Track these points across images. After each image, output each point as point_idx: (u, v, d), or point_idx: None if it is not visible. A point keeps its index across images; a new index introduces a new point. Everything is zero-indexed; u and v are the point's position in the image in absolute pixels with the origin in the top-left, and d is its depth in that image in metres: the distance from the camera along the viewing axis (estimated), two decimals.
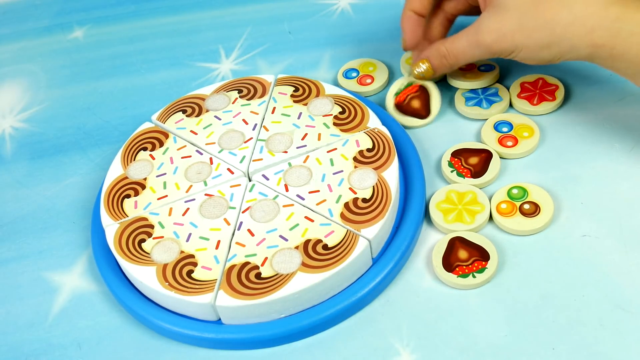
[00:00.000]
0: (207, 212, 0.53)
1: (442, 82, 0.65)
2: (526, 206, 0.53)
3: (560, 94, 0.60)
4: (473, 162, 0.56)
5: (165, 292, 0.49)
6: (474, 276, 0.50)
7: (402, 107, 0.60)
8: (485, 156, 0.57)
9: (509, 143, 0.58)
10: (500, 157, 0.57)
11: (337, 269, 0.48)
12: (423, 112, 0.60)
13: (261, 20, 0.75)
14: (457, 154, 0.57)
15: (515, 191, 0.54)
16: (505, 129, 0.59)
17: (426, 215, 0.55)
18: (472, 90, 0.62)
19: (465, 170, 0.56)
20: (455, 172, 0.56)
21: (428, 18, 0.61)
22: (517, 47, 0.53)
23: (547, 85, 0.61)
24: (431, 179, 0.57)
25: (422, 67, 0.59)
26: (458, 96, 0.62)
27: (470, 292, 0.50)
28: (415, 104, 0.60)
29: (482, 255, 0.51)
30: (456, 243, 0.52)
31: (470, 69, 0.63)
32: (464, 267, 0.50)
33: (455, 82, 0.62)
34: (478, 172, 0.56)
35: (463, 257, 0.51)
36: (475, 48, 0.55)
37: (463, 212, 0.53)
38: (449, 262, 0.51)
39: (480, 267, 0.50)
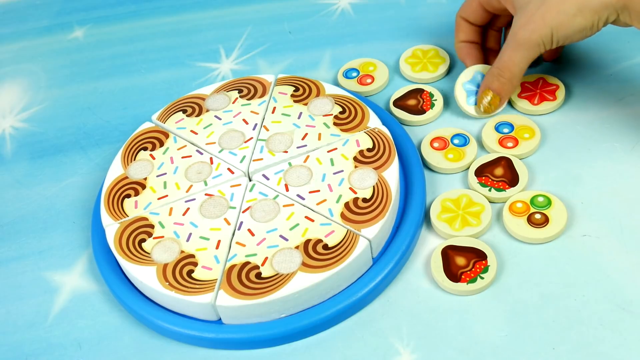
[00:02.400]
0: (208, 212, 0.53)
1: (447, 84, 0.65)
2: (537, 216, 0.52)
3: (560, 93, 0.60)
4: (499, 173, 0.55)
5: (166, 292, 0.49)
6: (481, 277, 0.49)
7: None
8: (505, 163, 0.56)
9: (510, 144, 0.57)
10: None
11: (337, 268, 0.48)
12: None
13: (261, 20, 0.75)
14: (479, 172, 0.56)
15: (540, 199, 0.53)
16: (506, 130, 0.58)
17: (426, 217, 0.55)
18: (473, 92, 0.61)
19: (500, 184, 0.55)
20: (492, 189, 0.55)
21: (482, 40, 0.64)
22: (553, 27, 0.53)
23: (548, 85, 0.61)
24: (431, 179, 0.57)
25: (487, 98, 0.58)
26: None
27: None
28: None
29: (478, 255, 0.51)
30: (449, 252, 0.51)
31: None
32: (468, 272, 0.50)
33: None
34: (512, 179, 0.55)
35: (462, 263, 0.50)
36: (520, 49, 0.55)
37: (466, 216, 0.53)
38: (453, 273, 0.50)
39: (483, 266, 0.50)
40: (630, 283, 0.49)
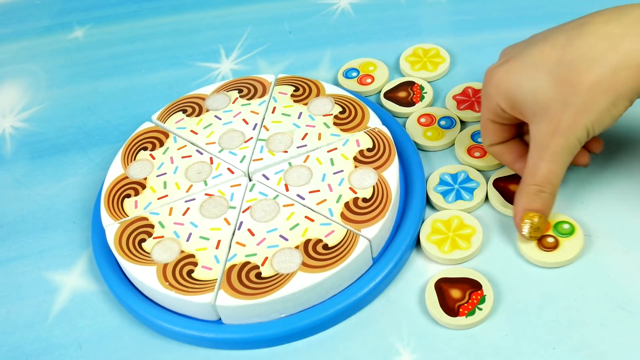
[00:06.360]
0: (208, 212, 0.53)
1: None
2: (550, 239, 0.51)
3: None
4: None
5: (166, 292, 0.49)
6: (479, 309, 0.48)
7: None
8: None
9: (477, 154, 0.57)
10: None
11: (337, 268, 0.48)
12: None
13: (261, 20, 0.75)
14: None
15: (566, 227, 0.51)
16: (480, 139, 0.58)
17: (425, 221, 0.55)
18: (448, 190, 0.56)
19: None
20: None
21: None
22: (588, 127, 0.47)
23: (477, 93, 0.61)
24: (428, 172, 0.57)
25: (532, 221, 0.50)
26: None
27: None
28: None
29: (473, 285, 0.49)
30: (442, 286, 0.49)
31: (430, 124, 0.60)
32: (465, 304, 0.48)
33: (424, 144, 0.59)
34: None
35: (458, 296, 0.49)
36: (558, 159, 0.48)
37: (456, 239, 0.52)
38: (449, 307, 0.48)
39: (479, 297, 0.49)
40: (630, 283, 0.49)
